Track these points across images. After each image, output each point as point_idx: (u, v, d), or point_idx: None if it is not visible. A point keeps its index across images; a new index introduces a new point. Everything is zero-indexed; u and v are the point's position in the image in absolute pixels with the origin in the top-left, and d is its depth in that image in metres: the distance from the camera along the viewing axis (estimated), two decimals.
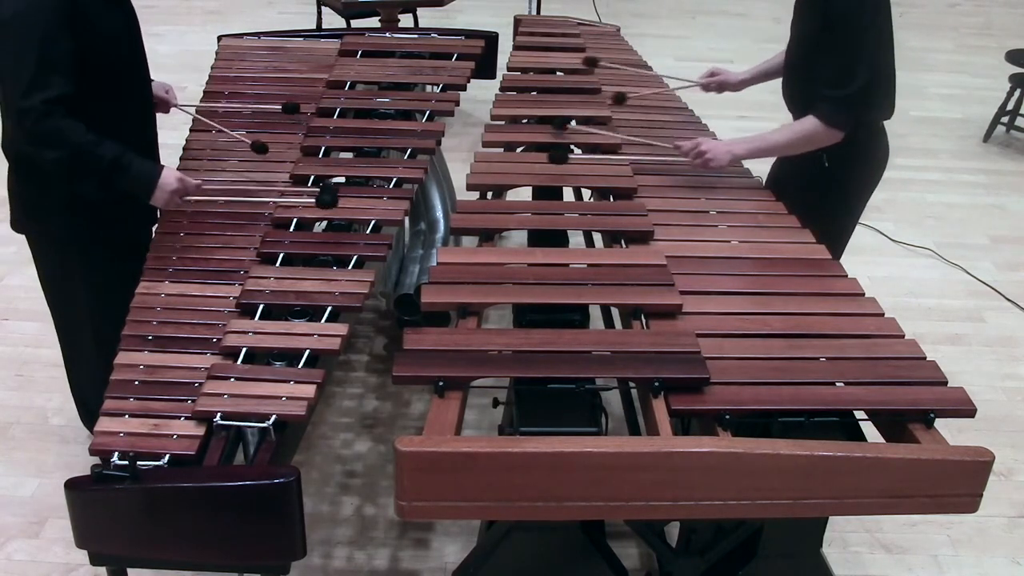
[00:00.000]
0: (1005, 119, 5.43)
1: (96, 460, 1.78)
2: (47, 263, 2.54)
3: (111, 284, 2.38)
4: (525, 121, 3.13)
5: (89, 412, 2.79)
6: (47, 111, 2.11)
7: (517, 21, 3.96)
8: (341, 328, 2.07)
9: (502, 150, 2.95)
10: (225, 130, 2.77)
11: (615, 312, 2.56)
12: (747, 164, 2.82)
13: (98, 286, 2.47)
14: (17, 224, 2.48)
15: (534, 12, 5.42)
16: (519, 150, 3.02)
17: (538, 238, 2.67)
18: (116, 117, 2.35)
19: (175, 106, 2.77)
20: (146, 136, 2.52)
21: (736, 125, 3.11)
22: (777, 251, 2.41)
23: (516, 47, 3.63)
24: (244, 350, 2.00)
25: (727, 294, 2.24)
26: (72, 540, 1.79)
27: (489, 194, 2.69)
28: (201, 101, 3.03)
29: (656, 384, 1.91)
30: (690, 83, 3.16)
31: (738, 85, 3.10)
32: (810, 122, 2.55)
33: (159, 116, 2.62)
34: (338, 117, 2.98)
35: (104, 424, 1.83)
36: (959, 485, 1.76)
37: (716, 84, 3.12)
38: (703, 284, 2.26)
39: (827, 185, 2.69)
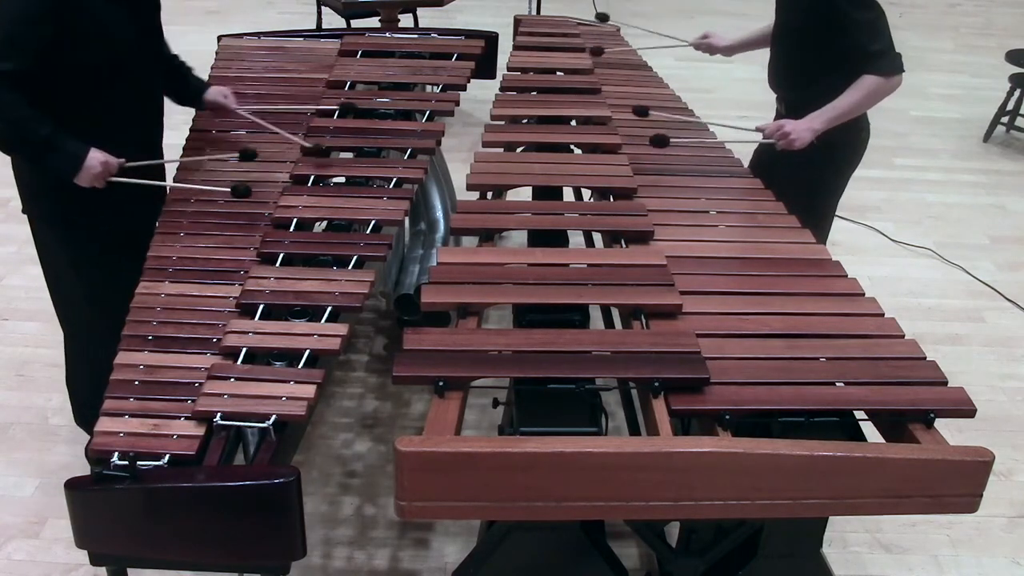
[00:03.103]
0: (1005, 119, 5.43)
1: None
2: (45, 245, 2.57)
3: (105, 274, 2.39)
4: (525, 121, 3.13)
5: (81, 408, 2.78)
6: None
7: (517, 21, 3.96)
8: (341, 328, 2.07)
9: (502, 150, 2.95)
10: (283, 132, 2.76)
11: (615, 312, 2.56)
12: (731, 147, 2.96)
13: (92, 274, 2.49)
14: (23, 205, 2.52)
15: (534, 12, 5.42)
16: (519, 150, 3.02)
17: (538, 238, 2.66)
18: (113, 109, 2.36)
19: (235, 109, 2.81)
20: (149, 132, 2.52)
21: (737, 125, 3.11)
22: (777, 251, 2.41)
23: (516, 47, 3.63)
24: (244, 350, 2.00)
25: (727, 294, 2.23)
26: (72, 540, 1.79)
27: (489, 194, 2.69)
28: None
29: (656, 384, 1.91)
30: (682, 42, 3.40)
31: (726, 50, 3.33)
32: (870, 80, 2.70)
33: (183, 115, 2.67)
34: (338, 117, 2.98)
35: (104, 424, 1.83)
36: (959, 485, 1.76)
37: (705, 45, 3.36)
38: (703, 284, 2.25)
39: (823, 161, 2.83)
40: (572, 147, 2.99)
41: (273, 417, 1.83)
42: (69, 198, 2.38)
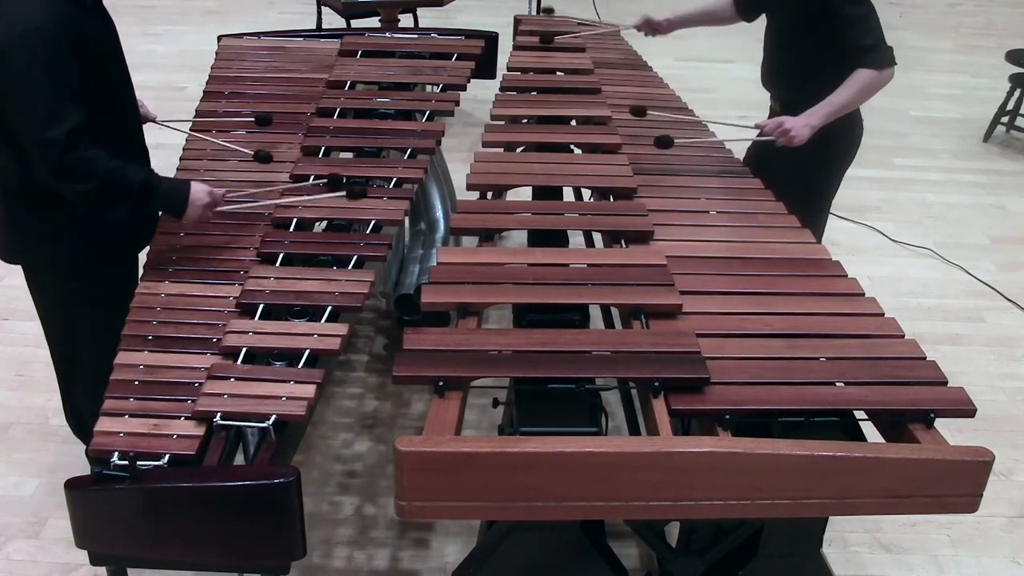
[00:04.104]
0: (1005, 119, 5.43)
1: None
2: (48, 291, 2.44)
3: (111, 306, 2.31)
4: (525, 121, 3.13)
5: (79, 420, 2.72)
6: (72, 143, 2.02)
7: (517, 21, 3.96)
8: (341, 328, 2.07)
9: (502, 150, 2.95)
10: (219, 141, 2.72)
11: (615, 312, 2.56)
12: (730, 146, 2.99)
13: (99, 311, 2.36)
14: (11, 255, 2.39)
15: (534, 12, 5.42)
16: (519, 150, 3.02)
17: (538, 238, 2.67)
18: (119, 132, 2.30)
19: (156, 121, 2.69)
20: (143, 146, 2.50)
21: (737, 124, 3.12)
22: (777, 251, 2.41)
23: (516, 47, 3.63)
24: (244, 350, 2.00)
25: (727, 294, 2.23)
26: (72, 540, 1.79)
27: (489, 194, 2.69)
28: (201, 101, 3.03)
29: (656, 384, 1.91)
30: (625, 26, 3.50)
31: (668, 27, 3.38)
32: (864, 74, 2.71)
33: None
34: (338, 117, 2.98)
35: (104, 424, 1.83)
36: (959, 485, 1.76)
37: (647, 26, 3.40)
38: (703, 284, 2.25)
39: (819, 157, 2.84)
40: (572, 147, 2.99)
41: (273, 417, 1.83)
42: (79, 237, 2.28)
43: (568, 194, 3.05)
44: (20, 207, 2.29)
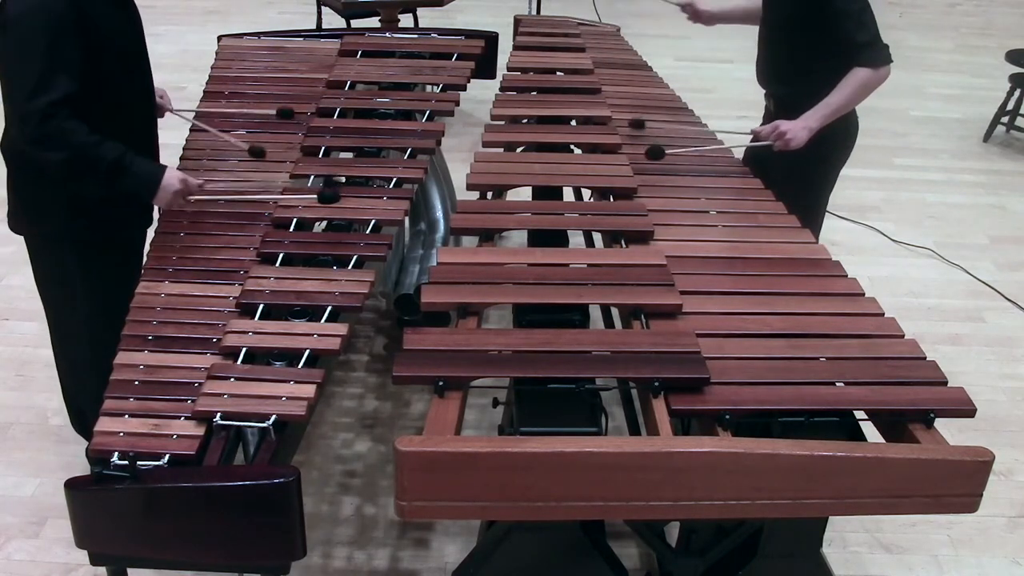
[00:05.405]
0: (1005, 119, 5.43)
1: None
2: (44, 264, 2.51)
3: (108, 287, 2.36)
4: (525, 121, 3.13)
5: (81, 417, 2.75)
6: (50, 113, 2.09)
7: (517, 21, 3.96)
8: (341, 328, 2.07)
9: (502, 150, 2.95)
10: (222, 135, 2.76)
11: (615, 312, 2.56)
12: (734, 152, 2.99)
13: (95, 289, 2.44)
14: (15, 224, 2.46)
15: (534, 12, 5.42)
16: (519, 150, 3.02)
17: (538, 238, 2.67)
18: (121, 117, 2.34)
19: (171, 111, 2.74)
20: (150, 136, 2.51)
21: (736, 125, 3.12)
22: (777, 251, 2.41)
23: (516, 47, 3.63)
24: (244, 350, 2.00)
25: (727, 294, 2.23)
26: (72, 540, 1.79)
27: (489, 194, 2.69)
28: (201, 101, 3.03)
29: (656, 384, 1.91)
30: (673, 2, 3.41)
31: (708, 19, 3.32)
32: (860, 73, 2.71)
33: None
34: (338, 117, 2.98)
35: (104, 424, 1.83)
36: (959, 485, 1.76)
37: (691, 10, 3.34)
38: (703, 284, 2.25)
39: (815, 155, 2.82)
40: (572, 147, 2.99)
41: (273, 417, 1.83)
42: (73, 214, 2.34)
43: (568, 194, 3.06)
44: (23, 179, 2.36)
